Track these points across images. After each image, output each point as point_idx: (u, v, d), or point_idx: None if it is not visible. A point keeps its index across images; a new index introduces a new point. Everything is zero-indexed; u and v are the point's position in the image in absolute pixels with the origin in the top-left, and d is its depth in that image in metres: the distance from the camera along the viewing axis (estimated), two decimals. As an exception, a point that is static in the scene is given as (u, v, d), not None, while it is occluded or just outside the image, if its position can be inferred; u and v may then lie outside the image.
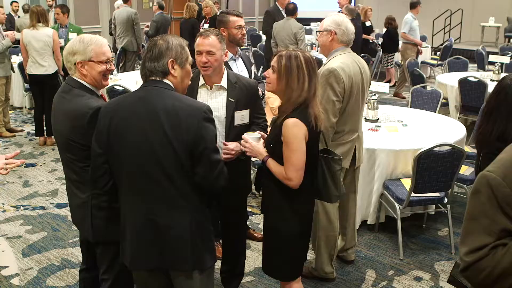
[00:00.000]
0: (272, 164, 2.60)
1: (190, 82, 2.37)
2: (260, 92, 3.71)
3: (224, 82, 3.01)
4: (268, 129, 2.92)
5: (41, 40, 6.36)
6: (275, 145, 2.60)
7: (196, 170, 2.15)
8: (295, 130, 2.50)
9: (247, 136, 2.71)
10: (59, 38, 6.90)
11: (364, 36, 9.75)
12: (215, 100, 2.98)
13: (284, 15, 7.71)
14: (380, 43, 10.60)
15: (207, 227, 2.30)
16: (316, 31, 3.51)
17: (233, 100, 2.98)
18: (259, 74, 4.82)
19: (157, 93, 2.14)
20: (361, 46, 9.71)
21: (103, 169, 2.25)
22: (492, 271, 1.43)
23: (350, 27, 3.30)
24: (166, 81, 2.19)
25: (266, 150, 2.69)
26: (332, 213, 3.49)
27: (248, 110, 3.04)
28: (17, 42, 7.30)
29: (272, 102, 4.41)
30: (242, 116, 3.00)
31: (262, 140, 2.73)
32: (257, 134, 2.76)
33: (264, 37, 11.41)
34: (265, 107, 5.01)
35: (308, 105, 2.55)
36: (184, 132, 2.08)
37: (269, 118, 3.22)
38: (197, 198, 2.22)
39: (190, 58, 2.29)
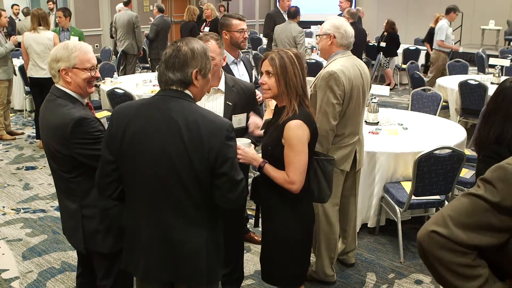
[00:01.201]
0: (270, 169, 2.56)
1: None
2: (261, 98, 3.71)
3: (221, 85, 3.01)
4: (261, 132, 2.90)
5: (42, 43, 6.37)
6: (275, 148, 2.56)
7: (217, 190, 2.08)
8: (299, 132, 2.48)
9: (237, 142, 2.57)
10: (61, 41, 6.91)
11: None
12: (212, 103, 2.98)
13: (286, 18, 7.72)
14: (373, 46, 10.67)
15: (220, 240, 2.24)
16: (316, 35, 3.52)
17: (231, 104, 2.98)
18: (259, 78, 4.82)
19: (178, 106, 2.03)
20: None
21: (112, 177, 2.15)
22: (445, 261, 1.36)
23: (349, 31, 3.30)
24: (187, 91, 2.08)
25: (260, 154, 2.66)
26: (333, 216, 3.49)
27: (245, 114, 3.04)
28: (19, 45, 7.31)
29: (274, 104, 4.40)
30: (239, 120, 2.99)
31: (252, 146, 2.69)
32: (247, 139, 2.70)
33: (264, 40, 11.45)
34: (266, 110, 5.02)
35: (304, 104, 2.54)
36: (206, 151, 1.99)
37: None
38: (212, 213, 2.16)
39: (211, 66, 2.19)
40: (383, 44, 10.40)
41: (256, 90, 3.35)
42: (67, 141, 2.32)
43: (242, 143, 2.59)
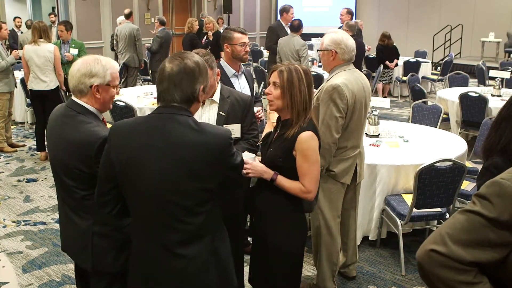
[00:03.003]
0: (284, 180, 2.57)
1: None
2: (261, 115, 3.71)
3: (216, 96, 3.06)
4: (259, 142, 2.93)
5: (43, 55, 6.40)
6: (285, 159, 2.58)
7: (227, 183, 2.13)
8: (313, 143, 2.55)
9: (244, 157, 2.56)
10: (61, 54, 6.96)
11: None
12: (207, 114, 3.03)
13: (288, 31, 7.76)
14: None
15: (228, 249, 2.21)
16: (317, 50, 3.53)
17: (224, 114, 3.03)
18: (260, 90, 4.84)
19: (177, 123, 1.98)
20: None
21: (111, 195, 2.12)
22: (448, 280, 1.36)
23: (350, 44, 3.31)
24: (186, 107, 2.02)
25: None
26: (334, 228, 3.48)
27: (239, 125, 3.06)
28: (20, 58, 7.35)
29: (274, 117, 4.41)
30: (232, 130, 2.99)
31: (258, 158, 2.71)
32: (251, 154, 2.72)
33: (265, 53, 11.48)
34: (266, 122, 5.02)
35: (311, 117, 2.60)
36: (210, 165, 1.97)
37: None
38: (218, 226, 2.14)
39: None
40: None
41: (258, 107, 3.37)
42: (91, 160, 2.27)
43: (248, 157, 2.59)
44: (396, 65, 10.59)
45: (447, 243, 1.36)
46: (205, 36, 10.01)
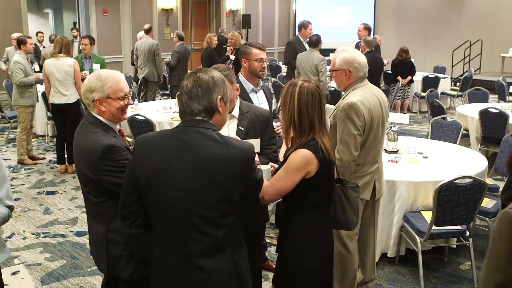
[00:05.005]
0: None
1: None
2: (280, 131, 3.71)
3: (235, 112, 3.08)
4: (280, 157, 2.94)
5: (63, 70, 6.49)
6: None
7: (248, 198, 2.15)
8: (299, 160, 2.51)
9: (262, 168, 2.63)
10: (84, 69, 7.06)
11: None
12: (226, 129, 3.03)
13: (306, 46, 7.79)
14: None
15: (247, 263, 2.22)
16: (329, 70, 3.52)
17: (243, 129, 3.04)
18: (278, 106, 4.84)
19: (201, 136, 2.03)
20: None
21: (133, 207, 2.16)
22: None
23: (362, 61, 3.31)
24: (209, 120, 2.09)
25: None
26: (351, 246, 3.44)
27: (258, 140, 3.07)
28: (40, 81, 7.48)
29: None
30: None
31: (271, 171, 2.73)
32: (268, 166, 2.76)
33: (284, 68, 11.52)
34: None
35: (314, 137, 2.56)
36: (232, 179, 2.01)
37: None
38: (239, 240, 2.17)
39: (229, 92, 2.22)
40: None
41: (277, 122, 3.37)
42: (95, 167, 2.39)
43: (264, 168, 2.64)
44: (412, 81, 10.40)
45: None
46: (226, 52, 10.07)
